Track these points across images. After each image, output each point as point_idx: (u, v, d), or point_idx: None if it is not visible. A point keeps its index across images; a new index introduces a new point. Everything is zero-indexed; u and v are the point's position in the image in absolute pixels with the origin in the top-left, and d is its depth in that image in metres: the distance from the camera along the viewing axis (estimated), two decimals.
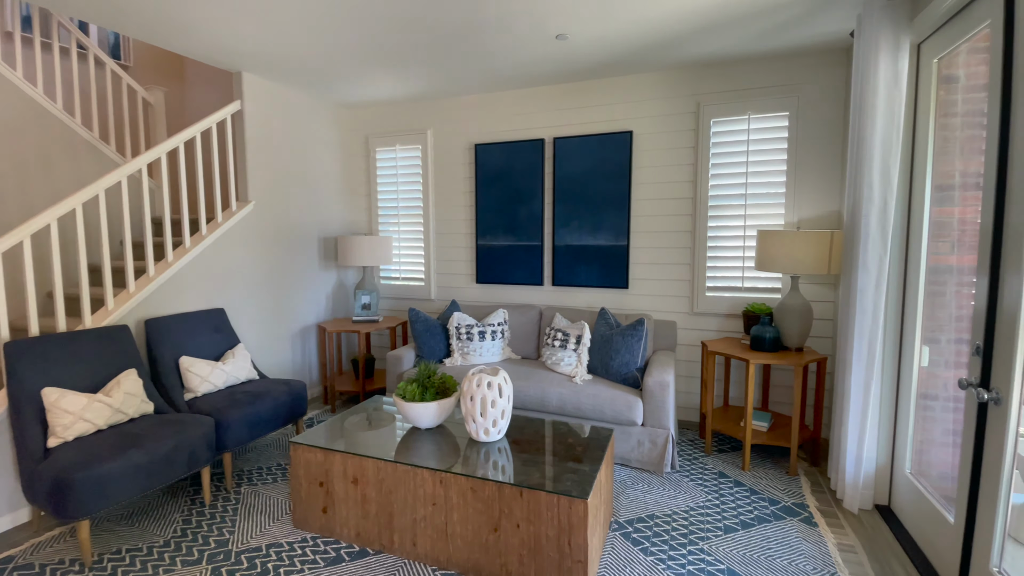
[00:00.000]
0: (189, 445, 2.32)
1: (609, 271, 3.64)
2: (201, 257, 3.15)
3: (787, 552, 2.07)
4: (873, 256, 2.25)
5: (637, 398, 2.77)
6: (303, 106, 3.88)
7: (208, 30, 2.71)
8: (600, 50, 3.01)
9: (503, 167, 3.86)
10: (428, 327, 3.47)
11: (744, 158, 3.24)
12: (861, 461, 2.34)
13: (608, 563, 2.00)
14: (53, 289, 2.52)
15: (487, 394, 2.12)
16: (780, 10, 2.49)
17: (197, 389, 2.76)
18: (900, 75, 2.17)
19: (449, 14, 2.53)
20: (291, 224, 3.80)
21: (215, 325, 3.12)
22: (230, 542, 2.18)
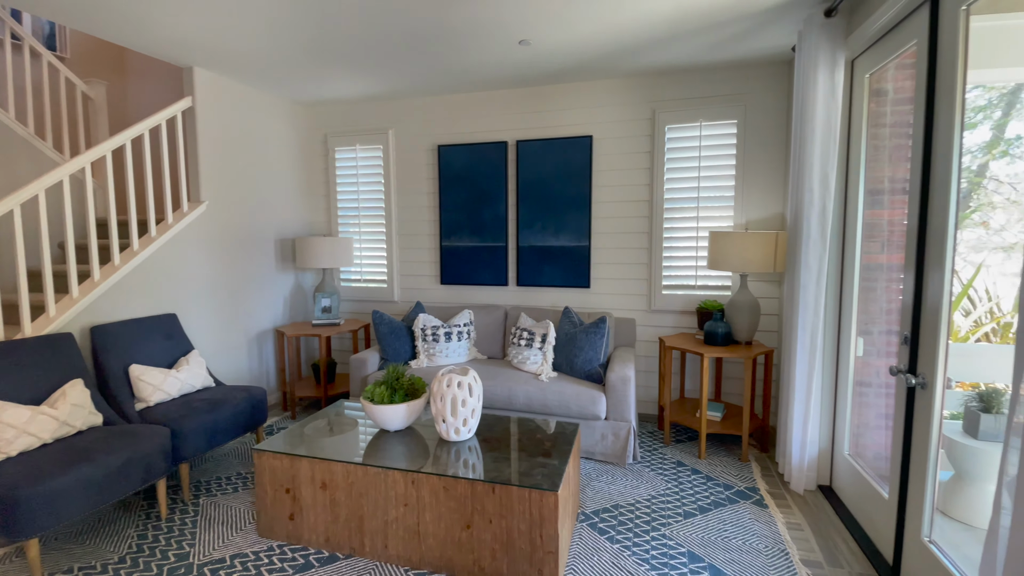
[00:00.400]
0: (143, 457, 2.23)
1: (572, 271, 3.73)
2: (150, 260, 3.01)
3: (741, 533, 2.21)
4: (814, 255, 2.43)
5: (600, 393, 2.87)
6: (259, 103, 3.77)
7: (157, 22, 2.60)
8: (561, 56, 3.09)
9: (467, 168, 3.88)
10: (392, 329, 3.45)
11: (696, 163, 3.40)
12: (805, 445, 2.52)
13: (577, 553, 2.08)
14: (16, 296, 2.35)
15: (457, 394, 2.15)
16: (728, 24, 2.64)
17: (149, 398, 2.65)
18: (836, 88, 2.35)
19: (414, 17, 2.54)
20: (246, 225, 3.68)
21: (166, 331, 2.99)
22: (191, 555, 2.11)
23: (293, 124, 4.13)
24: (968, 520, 1.95)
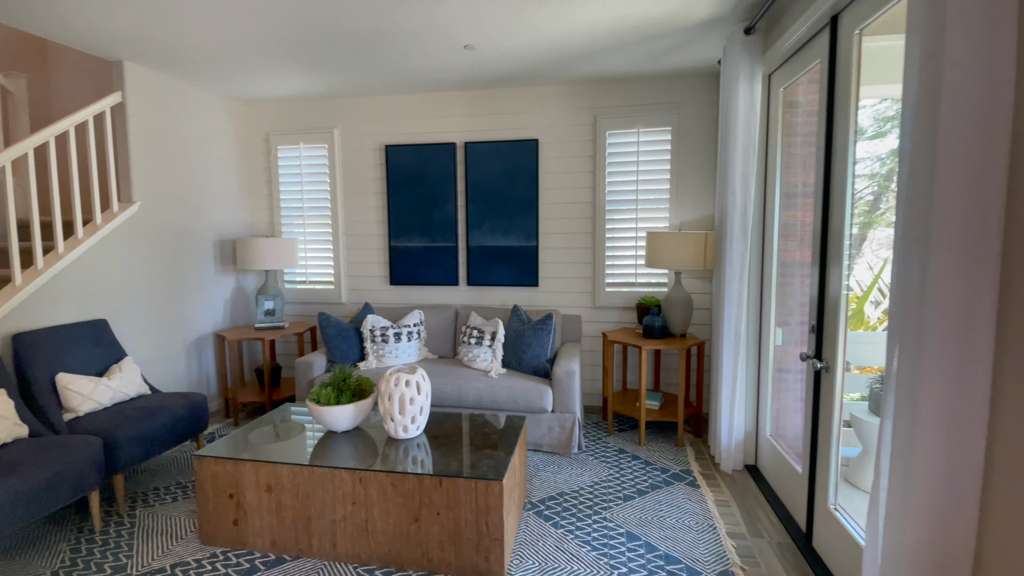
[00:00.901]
0: (74, 469, 2.13)
1: (521, 270, 3.83)
2: (78, 263, 2.86)
3: (675, 512, 2.38)
4: (736, 253, 2.63)
5: (547, 387, 2.98)
6: (195, 100, 3.64)
7: (83, 15, 2.49)
8: (506, 61, 3.18)
9: (415, 169, 3.91)
10: (340, 331, 3.43)
11: (635, 167, 3.58)
12: (732, 429, 2.73)
13: (523, 539, 2.17)
14: None
15: (405, 392, 2.19)
16: (661, 38, 2.81)
17: (79, 408, 2.53)
18: (755, 100, 2.57)
19: (359, 20, 2.55)
20: (183, 226, 3.55)
21: (96, 338, 2.86)
22: (128, 566, 2.04)
23: (233, 122, 4.01)
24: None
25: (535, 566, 2.01)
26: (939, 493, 1.09)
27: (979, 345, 1.05)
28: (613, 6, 2.42)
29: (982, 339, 1.04)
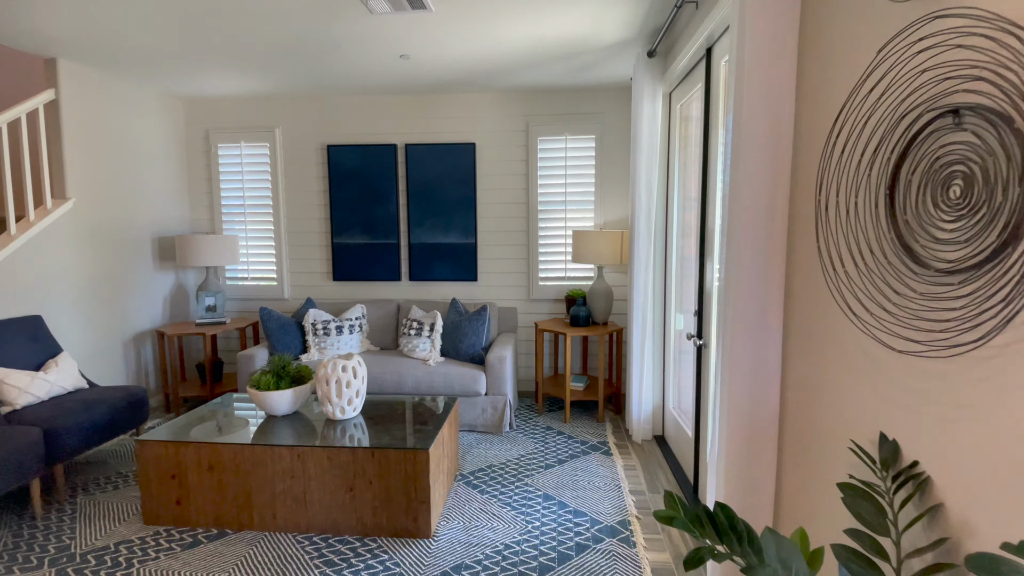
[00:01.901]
0: (14, 457, 2.20)
1: (460, 266, 4.07)
2: (10, 260, 2.87)
3: (588, 476, 2.70)
4: (642, 250, 2.99)
5: (481, 372, 3.24)
6: (132, 97, 3.66)
7: (15, 12, 2.53)
8: (440, 70, 3.41)
9: (357, 169, 4.07)
10: (282, 325, 3.56)
11: (564, 171, 3.91)
12: (641, 404, 3.09)
13: (451, 504, 2.43)
14: None
15: (342, 376, 2.40)
16: (578, 55, 3.13)
17: (15, 402, 2.57)
18: (656, 115, 2.93)
19: (297, 26, 2.72)
20: (120, 223, 3.57)
21: (31, 334, 2.88)
22: (72, 546, 2.15)
23: (171, 119, 4.03)
24: None
25: (460, 525, 2.27)
26: (748, 397, 1.43)
27: (772, 315, 1.39)
28: (530, 26, 2.71)
29: (773, 312, 1.39)
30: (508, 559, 2.04)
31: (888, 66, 0.93)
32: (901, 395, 0.95)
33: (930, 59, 0.85)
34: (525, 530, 2.23)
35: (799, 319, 1.32)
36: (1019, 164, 0.71)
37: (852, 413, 1.10)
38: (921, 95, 0.87)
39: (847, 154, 1.05)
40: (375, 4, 2.40)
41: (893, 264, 0.95)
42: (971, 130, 0.79)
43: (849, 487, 0.95)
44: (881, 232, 0.98)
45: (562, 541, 2.15)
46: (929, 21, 0.86)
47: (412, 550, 2.09)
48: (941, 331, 0.84)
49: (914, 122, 0.89)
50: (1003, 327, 0.74)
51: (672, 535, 2.22)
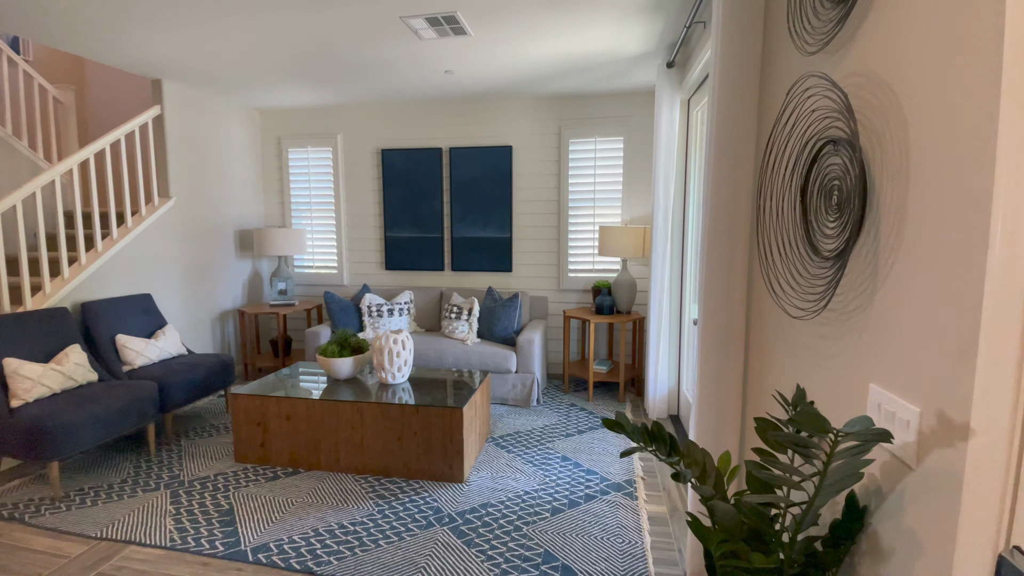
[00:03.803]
0: (138, 403, 2.80)
1: (497, 258, 4.48)
2: (128, 248, 3.52)
3: (604, 444, 3.04)
4: (660, 244, 3.28)
5: (512, 352, 3.64)
6: (220, 109, 4.28)
7: (132, 45, 3.12)
8: (479, 82, 3.81)
9: (407, 170, 4.54)
10: (342, 307, 4.09)
11: (593, 170, 4.22)
12: (657, 384, 3.39)
13: (482, 459, 2.84)
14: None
15: (392, 347, 2.85)
16: (604, 66, 3.44)
17: (134, 362, 3.19)
18: (674, 121, 3.20)
19: (359, 52, 3.18)
20: (209, 217, 4.20)
21: (144, 308, 3.51)
22: (181, 475, 2.71)
23: (251, 127, 4.64)
24: None
25: (488, 475, 2.68)
26: (717, 361, 1.75)
27: (736, 299, 1.70)
28: (559, 43, 3.05)
29: (738, 295, 1.70)
30: (526, 502, 2.42)
31: (794, 104, 1.24)
32: (801, 350, 1.27)
33: (816, 103, 1.16)
34: (543, 482, 2.61)
35: (753, 299, 1.63)
36: (857, 182, 1.02)
37: (780, 369, 1.41)
38: (815, 128, 1.18)
39: (776, 168, 1.36)
40: (423, 32, 2.83)
41: (800, 253, 1.26)
42: (840, 155, 1.10)
43: (761, 420, 1.28)
44: (796, 228, 1.29)
45: (574, 491, 2.52)
46: (810, 76, 1.17)
47: (447, 491, 2.52)
48: (813, 300, 1.15)
49: (814, 147, 1.20)
50: (831, 299, 1.05)
51: (671, 492, 2.54)
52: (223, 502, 2.44)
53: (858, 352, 1.02)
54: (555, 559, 2.01)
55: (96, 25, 2.77)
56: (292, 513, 2.34)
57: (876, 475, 0.96)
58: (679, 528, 2.24)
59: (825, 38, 1.14)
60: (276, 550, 2.07)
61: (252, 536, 2.17)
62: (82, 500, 2.48)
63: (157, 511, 2.37)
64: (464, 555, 2.03)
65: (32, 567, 1.99)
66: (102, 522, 2.29)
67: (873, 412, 0.96)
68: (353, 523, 2.26)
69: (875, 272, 0.96)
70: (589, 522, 2.26)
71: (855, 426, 0.85)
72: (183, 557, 2.05)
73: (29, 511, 2.38)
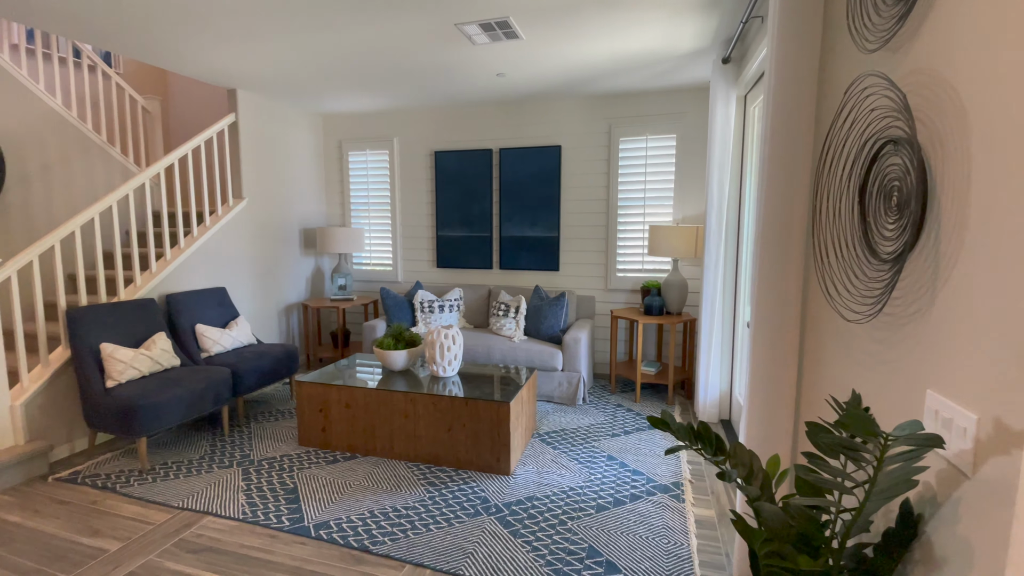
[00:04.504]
0: (215, 386, 3.05)
1: (544, 257, 4.52)
2: (206, 245, 3.83)
3: (650, 446, 3.03)
4: (713, 244, 3.22)
5: (558, 350, 3.68)
6: (287, 115, 4.56)
7: (211, 58, 3.39)
8: (530, 84, 3.87)
9: (458, 171, 4.67)
10: (397, 302, 4.26)
11: (644, 169, 4.18)
12: (708, 388, 3.33)
13: (528, 454, 2.90)
14: (96, 270, 3.17)
15: (444, 341, 2.96)
16: (655, 64, 3.41)
17: (211, 349, 3.47)
18: (729, 117, 3.13)
19: (415, 59, 3.32)
20: (277, 217, 4.49)
21: (219, 300, 3.81)
22: (251, 455, 2.94)
23: (315, 132, 4.92)
24: None
25: (534, 469, 2.73)
26: (769, 363, 1.73)
27: (790, 301, 1.67)
28: (609, 43, 3.06)
29: (792, 297, 1.66)
30: (571, 497, 2.46)
31: (853, 103, 1.21)
32: (856, 354, 1.24)
33: (875, 101, 1.13)
34: (588, 479, 2.64)
35: (808, 301, 1.59)
36: (917, 183, 0.99)
37: (834, 373, 1.38)
38: (875, 127, 1.15)
39: (833, 168, 1.33)
40: (476, 38, 2.91)
41: (857, 255, 1.23)
42: (900, 155, 1.07)
43: (813, 424, 1.27)
44: (854, 230, 1.26)
45: (619, 491, 2.53)
46: (868, 76, 1.14)
47: (494, 482, 2.60)
48: (869, 303, 1.13)
49: (873, 147, 1.17)
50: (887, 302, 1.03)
51: (720, 497, 2.50)
52: (288, 481, 2.63)
53: (915, 357, 1.00)
54: (599, 555, 2.04)
55: (179, 40, 3.04)
56: (350, 495, 2.49)
57: (932, 483, 0.94)
58: (727, 532, 2.21)
59: (886, 35, 1.12)
60: (336, 528, 2.22)
61: (314, 513, 2.33)
62: (166, 473, 2.74)
63: (230, 486, 2.59)
64: (510, 544, 2.10)
65: (123, 532, 2.23)
66: (183, 494, 2.52)
67: (930, 419, 0.94)
68: (406, 507, 2.38)
69: (935, 276, 0.94)
70: (634, 521, 2.27)
71: (904, 430, 0.84)
72: (253, 529, 2.23)
73: (120, 481, 2.66)
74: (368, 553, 2.06)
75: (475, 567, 1.96)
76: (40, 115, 3.69)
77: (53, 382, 2.86)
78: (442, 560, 2.00)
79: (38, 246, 2.79)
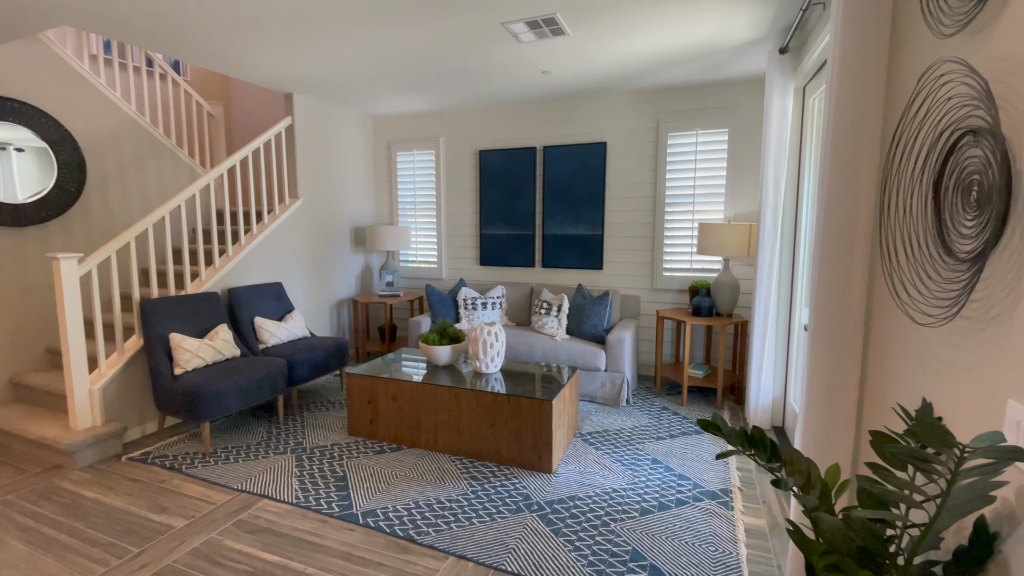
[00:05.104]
0: (271, 376, 3.21)
1: (587, 255, 4.48)
2: (264, 242, 4.02)
3: (697, 451, 2.94)
4: (767, 242, 3.09)
5: (601, 350, 3.64)
6: (339, 118, 4.73)
7: (269, 63, 3.55)
8: (576, 80, 3.83)
9: (502, 169, 4.70)
10: (441, 299, 4.34)
11: (693, 164, 4.06)
12: (760, 394, 3.20)
13: (570, 453, 2.89)
14: (166, 266, 3.39)
15: (487, 338, 2.99)
16: (708, 56, 3.30)
17: (268, 341, 3.65)
18: (786, 111, 2.99)
19: (462, 59, 3.36)
20: (329, 216, 4.66)
21: (276, 295, 4.00)
22: (304, 443, 3.07)
23: (364, 133, 5.07)
24: None
25: (576, 469, 2.72)
26: (828, 367, 1.64)
27: (853, 303, 1.58)
28: (659, 36, 2.99)
29: (855, 299, 1.57)
30: (614, 499, 2.43)
31: (927, 92, 1.13)
32: (927, 360, 1.16)
33: (952, 90, 1.05)
34: (631, 482, 2.60)
35: (873, 303, 1.50)
36: (1000, 177, 0.92)
37: (902, 380, 1.30)
38: (951, 117, 1.07)
39: (904, 161, 1.25)
40: (523, 36, 2.91)
41: (931, 254, 1.15)
42: (980, 147, 0.99)
43: (878, 433, 1.20)
44: (927, 227, 1.18)
45: (664, 495, 2.48)
46: (945, 62, 1.06)
47: (536, 480, 2.60)
48: (944, 306, 1.05)
49: (949, 138, 1.09)
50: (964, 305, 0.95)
51: (772, 506, 2.40)
52: (338, 469, 2.73)
53: (996, 365, 0.93)
54: (643, 558, 2.01)
55: (240, 47, 3.20)
56: (396, 485, 2.56)
57: (1011, 499, 0.87)
58: (779, 543, 2.13)
59: (964, 18, 1.04)
60: (382, 516, 2.29)
61: (362, 501, 2.41)
62: (226, 457, 2.90)
63: (285, 472, 2.71)
64: (552, 543, 2.10)
65: (188, 510, 2.39)
66: (241, 476, 2.67)
67: (1011, 431, 0.87)
68: (449, 500, 2.42)
69: (1019, 277, 0.87)
70: (680, 527, 2.22)
71: (983, 442, 0.78)
72: (306, 513, 2.33)
73: (185, 463, 2.84)
74: (413, 543, 2.11)
75: (517, 563, 1.97)
76: (117, 121, 3.98)
77: (127, 368, 3.09)
78: (484, 554, 2.02)
79: (116, 242, 3.02)
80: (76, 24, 2.76)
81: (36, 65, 3.46)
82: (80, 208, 3.70)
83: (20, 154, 3.36)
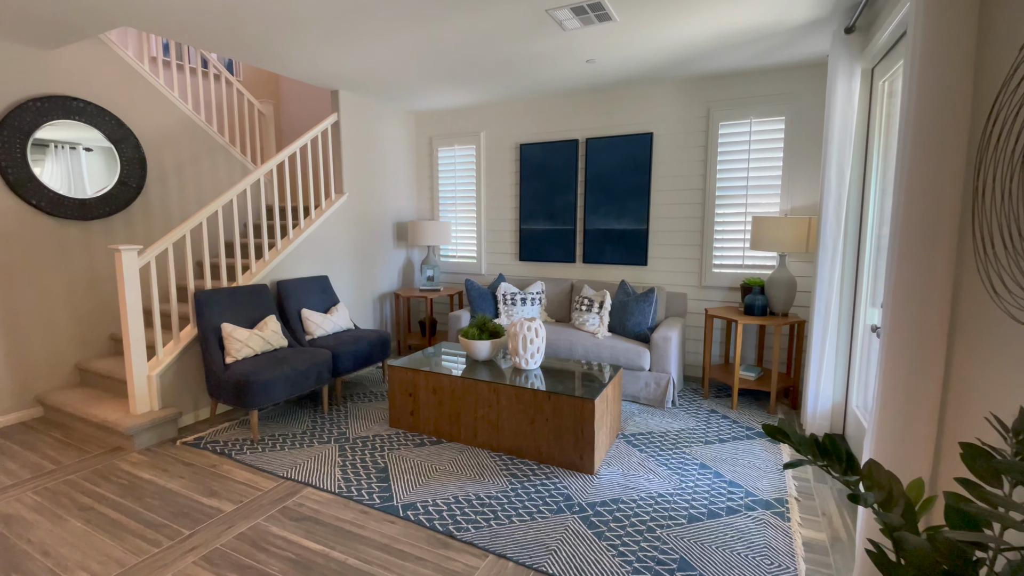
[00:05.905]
0: (317, 367, 3.27)
1: (630, 251, 4.35)
2: (311, 236, 4.11)
3: (749, 457, 2.79)
4: (830, 237, 2.88)
5: (645, 349, 3.51)
6: (383, 114, 4.77)
7: (316, 60, 3.61)
8: (621, 69, 3.71)
9: (543, 163, 4.62)
10: (480, 294, 4.31)
11: (746, 155, 3.86)
12: (818, 398, 3.00)
13: (612, 455, 2.79)
14: (219, 259, 3.51)
15: (527, 334, 2.93)
16: (765, 39, 3.11)
17: (314, 333, 3.73)
18: (852, 95, 2.78)
19: (504, 49, 3.31)
20: (373, 211, 4.72)
21: (322, 288, 4.08)
22: (347, 433, 3.11)
23: (407, 129, 5.11)
24: None
25: (619, 471, 2.62)
26: (904, 370, 1.49)
27: (936, 300, 1.42)
28: (712, 20, 2.83)
29: (939, 295, 1.42)
30: (660, 504, 2.33)
31: None
32: None
33: None
34: (678, 487, 2.48)
35: (961, 300, 1.34)
36: None
37: (997, 386, 1.15)
38: None
39: (1002, 142, 1.10)
40: (567, 22, 2.83)
41: None
42: None
43: (969, 446, 1.07)
44: None
45: (714, 502, 2.35)
46: None
47: (577, 480, 2.53)
48: None
49: None
50: None
51: (833, 519, 2.24)
52: (379, 460, 2.75)
53: None
54: (692, 568, 1.90)
55: (288, 45, 3.26)
56: (436, 479, 2.54)
57: None
58: (842, 560, 1.97)
59: None
60: (422, 509, 2.27)
61: (403, 494, 2.41)
62: (273, 444, 2.98)
63: (328, 461, 2.75)
64: (595, 546, 2.03)
65: (236, 495, 2.45)
66: (287, 464, 2.72)
67: None
68: (489, 496, 2.38)
69: None
70: (731, 536, 2.10)
71: None
72: (347, 503, 2.35)
73: (235, 449, 2.93)
74: (452, 538, 2.08)
75: (558, 565, 1.91)
76: (175, 120, 4.15)
77: (182, 356, 3.22)
78: (524, 554, 1.97)
79: (172, 235, 3.14)
80: (135, 24, 2.88)
81: (100, 66, 3.65)
82: (141, 203, 3.89)
83: (88, 153, 3.55)
